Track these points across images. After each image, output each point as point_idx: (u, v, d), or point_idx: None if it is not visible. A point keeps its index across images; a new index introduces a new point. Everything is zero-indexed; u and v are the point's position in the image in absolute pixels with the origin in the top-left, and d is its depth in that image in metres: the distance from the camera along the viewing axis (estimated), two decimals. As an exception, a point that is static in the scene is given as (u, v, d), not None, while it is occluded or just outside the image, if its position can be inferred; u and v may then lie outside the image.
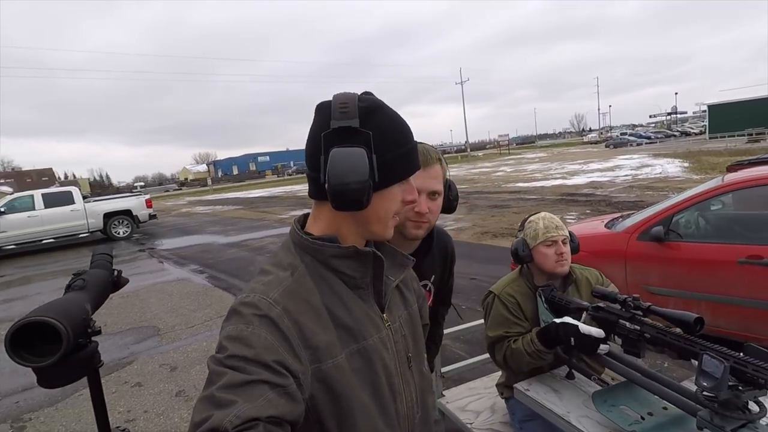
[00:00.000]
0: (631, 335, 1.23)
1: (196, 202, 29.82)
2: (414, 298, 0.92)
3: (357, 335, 0.73)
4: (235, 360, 0.59)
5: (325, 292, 0.72)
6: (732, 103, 39.50)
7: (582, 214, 8.74)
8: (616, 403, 1.23)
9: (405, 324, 0.85)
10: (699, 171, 14.12)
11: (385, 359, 0.76)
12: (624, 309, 1.27)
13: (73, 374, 0.83)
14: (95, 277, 0.98)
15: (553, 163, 26.14)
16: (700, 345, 1.06)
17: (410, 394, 0.81)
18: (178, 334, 4.58)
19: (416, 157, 0.77)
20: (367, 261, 0.75)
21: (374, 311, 0.78)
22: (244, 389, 0.56)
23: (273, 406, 0.57)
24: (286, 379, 0.60)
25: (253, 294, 0.68)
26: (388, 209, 0.74)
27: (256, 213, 17.16)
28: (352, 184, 0.66)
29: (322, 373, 0.67)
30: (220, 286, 6.38)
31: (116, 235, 12.78)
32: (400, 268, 0.85)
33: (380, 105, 0.73)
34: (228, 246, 9.97)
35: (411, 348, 0.84)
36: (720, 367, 0.97)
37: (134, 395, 3.34)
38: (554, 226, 1.58)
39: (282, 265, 0.73)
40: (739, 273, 2.80)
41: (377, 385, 0.74)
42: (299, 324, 0.66)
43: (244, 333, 0.62)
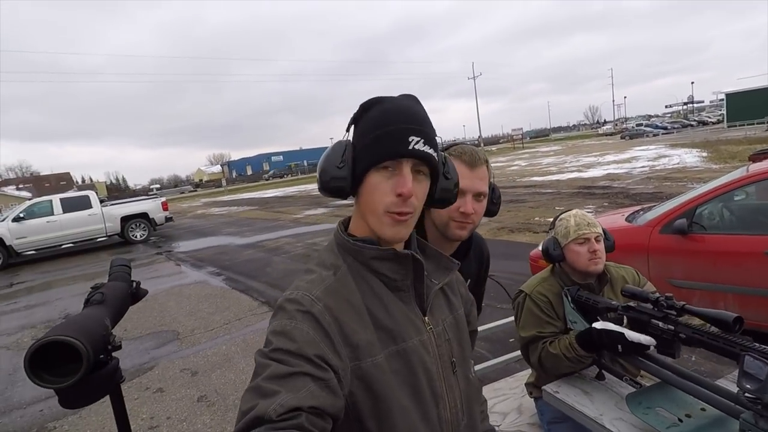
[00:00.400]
0: (665, 335, 1.18)
1: (211, 203, 30.16)
2: (460, 303, 0.90)
3: (396, 337, 0.73)
4: (280, 353, 0.62)
5: (366, 293, 0.74)
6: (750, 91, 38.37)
7: (600, 207, 8.60)
8: (652, 405, 1.19)
9: (449, 328, 0.83)
10: (718, 160, 13.79)
11: (426, 362, 0.75)
12: (656, 308, 1.22)
13: (96, 393, 0.81)
14: (114, 290, 0.97)
15: (568, 156, 25.79)
16: (740, 345, 1.01)
17: (454, 400, 0.80)
18: (197, 338, 4.62)
19: (392, 141, 0.70)
20: (406, 263, 0.76)
21: (415, 314, 0.78)
22: (287, 380, 0.59)
23: (315, 397, 0.58)
24: (326, 373, 0.62)
25: (297, 291, 0.71)
26: (372, 200, 0.73)
27: (271, 213, 17.29)
28: (323, 170, 0.75)
29: (362, 371, 0.68)
30: (237, 288, 6.43)
31: (134, 239, 12.98)
32: (444, 272, 0.85)
33: (380, 100, 0.76)
34: (244, 247, 10.06)
35: (456, 353, 0.83)
36: (764, 368, 0.93)
37: (156, 401, 3.37)
38: (586, 223, 1.53)
39: (325, 264, 0.76)
40: (766, 264, 2.71)
41: (417, 388, 0.73)
42: (340, 321, 0.68)
43: (288, 327, 0.65)
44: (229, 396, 3.28)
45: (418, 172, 0.74)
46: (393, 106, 0.74)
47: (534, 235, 7.01)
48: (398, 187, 0.70)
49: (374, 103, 0.76)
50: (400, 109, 0.74)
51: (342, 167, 0.74)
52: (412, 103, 0.76)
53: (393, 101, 0.75)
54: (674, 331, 1.16)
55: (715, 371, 2.69)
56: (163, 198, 14.11)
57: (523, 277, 4.82)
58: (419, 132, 0.72)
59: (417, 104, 0.77)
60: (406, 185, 0.70)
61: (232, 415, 3.01)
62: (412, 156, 0.71)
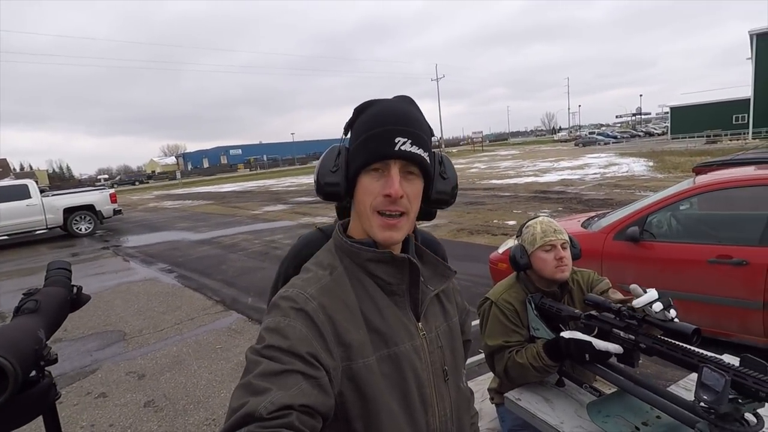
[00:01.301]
0: (625, 345, 1.21)
1: (165, 196, 28.82)
2: (455, 311, 0.89)
3: (388, 340, 0.73)
4: (272, 350, 0.62)
5: (361, 295, 0.74)
6: (692, 105, 41.46)
7: (554, 211, 8.92)
8: (611, 413, 1.22)
9: (443, 336, 0.82)
10: (663, 170, 14.70)
11: (417, 368, 0.75)
12: (618, 318, 1.25)
13: (25, 416, 0.72)
14: (50, 297, 0.86)
15: (525, 160, 26.68)
16: (698, 357, 1.05)
17: (444, 409, 0.79)
18: (146, 338, 4.36)
19: (379, 143, 0.71)
20: (402, 267, 0.76)
21: (409, 319, 0.77)
22: (278, 378, 0.58)
23: (306, 395, 0.58)
24: (318, 371, 0.62)
25: (292, 289, 0.71)
26: (363, 201, 0.73)
27: (228, 208, 16.72)
28: (318, 175, 0.75)
29: (352, 372, 0.68)
30: (190, 286, 6.15)
31: (78, 232, 12.16)
32: (441, 279, 0.84)
33: (372, 103, 0.76)
34: (198, 243, 9.65)
35: (448, 361, 0.82)
36: (721, 380, 0.95)
37: (98, 407, 3.13)
38: (552, 230, 1.54)
39: (322, 264, 0.76)
40: (709, 272, 2.88)
41: (407, 393, 0.73)
42: (333, 320, 0.68)
43: (281, 325, 0.65)
44: (179, 401, 3.10)
45: (409, 172, 0.73)
46: (383, 108, 0.75)
47: (492, 238, 7.17)
48: (385, 188, 0.71)
49: (367, 107, 0.76)
50: (389, 110, 0.73)
51: (335, 171, 0.74)
52: (404, 105, 0.76)
53: (384, 104, 0.75)
54: (635, 341, 1.19)
55: (660, 373, 2.83)
56: (111, 189, 13.31)
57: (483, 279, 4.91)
58: (406, 133, 0.71)
59: (409, 105, 0.77)
60: (393, 186, 0.70)
61: (182, 421, 2.85)
62: (398, 157, 0.71)
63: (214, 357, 3.78)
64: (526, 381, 1.47)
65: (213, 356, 3.80)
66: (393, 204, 0.71)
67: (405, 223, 0.73)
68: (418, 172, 0.74)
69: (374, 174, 0.72)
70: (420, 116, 0.76)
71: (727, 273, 2.81)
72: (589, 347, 1.24)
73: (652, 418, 1.19)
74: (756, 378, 0.93)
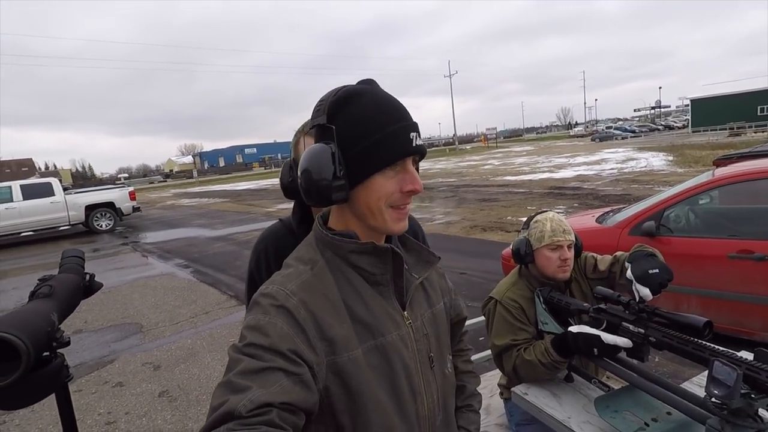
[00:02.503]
0: (635, 338, 1.18)
1: (182, 194, 29.32)
2: (439, 297, 0.89)
3: (375, 331, 0.72)
4: (252, 348, 0.61)
5: (344, 288, 0.73)
6: (714, 97, 40.16)
7: (570, 207, 8.78)
8: (619, 409, 1.19)
9: (428, 323, 0.82)
10: (683, 164, 14.32)
11: (404, 357, 0.75)
12: (627, 311, 1.22)
13: (37, 393, 0.75)
14: (64, 283, 0.90)
15: (540, 156, 26.30)
16: (709, 350, 1.01)
17: (432, 396, 0.79)
18: (161, 331, 4.46)
19: (398, 142, 0.69)
20: (386, 257, 0.74)
21: (394, 308, 0.76)
22: (259, 376, 0.58)
23: (287, 392, 0.58)
24: (300, 367, 0.61)
25: (272, 285, 0.70)
26: (374, 201, 0.71)
27: (242, 206, 16.93)
28: (318, 181, 0.68)
29: (338, 366, 0.67)
30: (205, 282, 6.25)
31: (98, 228, 12.49)
32: (425, 266, 0.84)
33: (357, 94, 0.71)
34: (214, 240, 9.80)
35: (433, 347, 0.82)
36: (733, 374, 0.92)
37: (115, 396, 3.22)
38: (562, 229, 1.50)
39: (303, 259, 0.75)
40: (729, 267, 2.80)
41: (395, 383, 0.73)
42: (315, 316, 0.67)
43: (262, 322, 0.64)
44: (193, 391, 3.16)
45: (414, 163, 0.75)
46: (378, 100, 0.71)
47: (506, 234, 7.09)
48: (408, 185, 0.71)
49: (351, 98, 0.70)
50: (388, 104, 0.72)
51: (342, 175, 0.69)
52: (387, 93, 0.74)
53: (374, 95, 0.72)
54: (644, 335, 1.16)
55: (677, 372, 2.77)
56: (130, 187, 13.60)
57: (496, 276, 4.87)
58: (415, 127, 0.72)
59: (388, 92, 0.75)
60: (417, 182, 0.71)
61: (195, 411, 2.90)
62: (416, 153, 0.72)
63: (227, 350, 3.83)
64: (536, 378, 1.44)
65: (226, 349, 3.84)
66: (409, 198, 0.72)
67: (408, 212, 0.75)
68: (418, 161, 0.76)
69: (390, 172, 0.70)
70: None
71: (749, 268, 2.72)
72: (598, 341, 1.21)
73: (662, 414, 1.16)
74: (770, 372, 0.90)
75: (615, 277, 1.54)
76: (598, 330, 1.25)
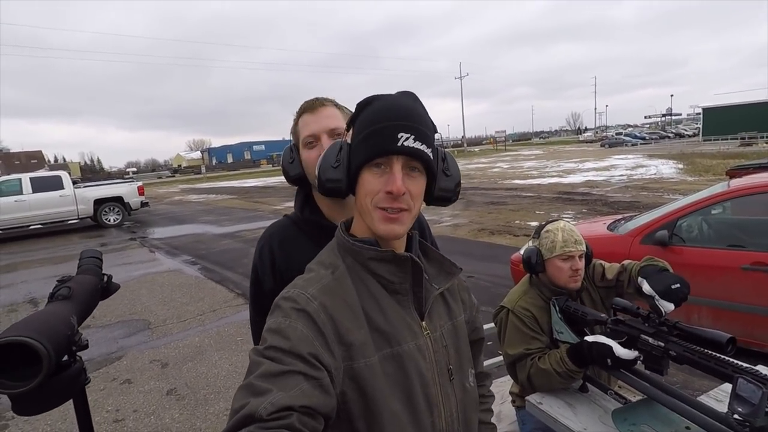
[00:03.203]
0: (654, 351, 1.17)
1: (189, 190, 29.47)
2: (460, 309, 0.88)
3: (391, 340, 0.72)
4: (273, 351, 0.62)
5: (363, 294, 0.73)
6: (726, 106, 39.78)
7: (579, 213, 8.73)
8: (637, 422, 1.18)
9: (448, 335, 0.81)
10: (693, 173, 14.20)
11: (420, 368, 0.74)
12: (647, 324, 1.21)
13: (56, 398, 0.74)
14: (82, 285, 0.89)
15: (549, 160, 26.18)
16: (733, 367, 1.00)
17: (450, 409, 0.77)
18: (169, 328, 4.48)
19: (381, 138, 0.69)
20: (405, 266, 0.74)
21: (412, 318, 0.76)
22: (279, 379, 0.58)
23: (307, 396, 0.58)
24: (319, 371, 0.61)
25: (294, 289, 0.71)
26: (362, 198, 0.72)
27: (250, 203, 16.99)
28: (320, 171, 0.74)
29: (354, 372, 0.67)
30: (213, 279, 6.28)
31: (107, 223, 12.57)
32: (446, 276, 0.83)
33: (378, 97, 0.75)
34: (221, 236, 9.85)
35: (453, 360, 0.80)
36: (758, 392, 0.91)
37: (123, 393, 3.24)
38: (573, 240, 1.49)
39: (324, 264, 0.76)
40: (743, 279, 2.77)
41: (411, 394, 0.72)
42: (335, 320, 0.68)
43: (282, 325, 0.65)
44: (200, 390, 3.18)
45: (412, 168, 0.72)
46: (386, 103, 0.73)
47: (514, 238, 7.06)
48: (388, 185, 0.69)
49: (370, 102, 0.75)
50: (392, 106, 0.72)
51: (337, 167, 0.73)
52: (407, 100, 0.74)
53: (387, 99, 0.74)
54: (664, 348, 1.14)
55: (687, 382, 2.74)
56: (139, 182, 13.69)
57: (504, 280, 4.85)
58: (409, 128, 0.70)
59: (412, 101, 0.75)
60: (395, 183, 0.69)
61: (203, 410, 2.92)
62: (401, 153, 0.69)
63: (235, 349, 3.85)
64: (551, 388, 1.43)
65: (233, 348, 3.87)
66: (395, 201, 0.69)
67: (407, 218, 0.72)
68: (421, 168, 0.72)
69: (376, 170, 0.70)
70: (423, 112, 0.74)
71: (763, 280, 2.69)
72: (610, 352, 1.21)
73: (680, 428, 1.15)
74: (796, 391, 0.89)
75: (623, 285, 1.53)
76: (613, 341, 1.24)
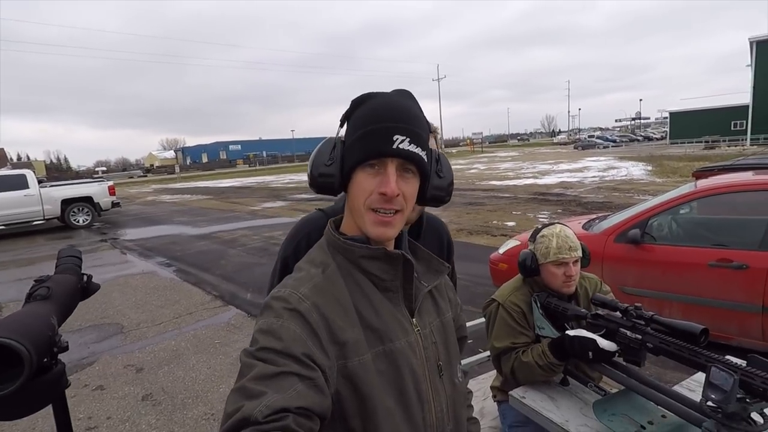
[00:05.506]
0: (632, 344, 1.21)
1: (163, 190, 28.73)
2: (448, 307, 0.89)
3: (383, 337, 0.72)
4: (266, 352, 0.61)
5: (355, 292, 0.73)
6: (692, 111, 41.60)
7: (554, 213, 8.94)
8: (617, 412, 1.22)
9: (436, 331, 0.82)
10: (661, 174, 14.74)
11: (412, 364, 0.74)
12: (625, 317, 1.25)
13: (37, 402, 0.71)
14: (61, 284, 0.85)
15: (524, 162, 26.71)
16: (706, 357, 1.05)
17: (440, 404, 0.78)
18: (143, 332, 4.35)
19: (377, 140, 0.69)
20: (396, 263, 0.75)
21: (403, 315, 0.77)
22: (274, 380, 0.58)
23: (302, 397, 0.58)
24: (314, 372, 0.61)
25: (284, 289, 0.70)
26: (355, 199, 0.72)
27: (226, 204, 16.69)
28: (312, 167, 0.75)
29: (348, 371, 0.67)
30: (188, 281, 6.13)
31: (75, 224, 12.11)
32: (435, 274, 0.85)
33: (372, 96, 0.75)
34: (197, 238, 9.63)
35: (442, 356, 0.81)
36: (729, 380, 0.96)
37: (96, 399, 3.12)
38: (567, 247, 1.50)
39: (315, 262, 0.75)
40: (709, 275, 2.89)
41: (403, 390, 0.72)
42: (327, 319, 0.67)
43: (275, 326, 0.64)
44: (178, 395, 3.10)
45: (405, 170, 0.72)
46: (382, 102, 0.73)
47: (492, 238, 7.17)
48: (381, 187, 0.69)
49: (365, 99, 0.75)
50: (388, 106, 0.72)
51: (330, 164, 0.73)
52: (403, 100, 0.75)
53: (383, 98, 0.75)
54: (641, 341, 1.19)
55: (660, 375, 2.84)
56: (110, 182, 13.25)
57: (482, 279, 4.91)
58: (405, 130, 0.70)
59: (408, 101, 0.76)
60: (389, 185, 0.69)
61: (181, 414, 2.85)
62: (396, 155, 0.70)
63: (213, 352, 3.77)
64: (533, 380, 1.47)
65: (212, 351, 3.79)
66: (388, 202, 0.70)
67: (399, 220, 0.72)
68: (415, 170, 0.73)
69: (370, 170, 0.70)
70: (419, 113, 0.75)
71: (728, 276, 2.82)
72: (593, 345, 1.25)
73: (657, 417, 1.19)
74: (764, 378, 0.94)
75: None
76: (596, 335, 1.28)
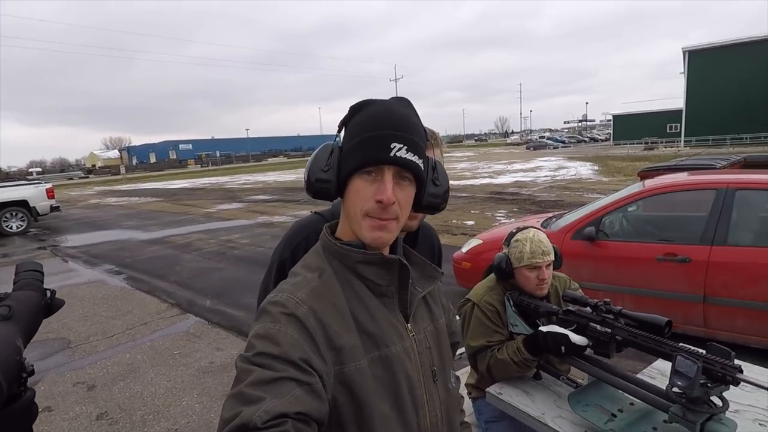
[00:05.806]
0: (602, 337, 1.28)
1: (107, 192, 27.08)
2: (441, 313, 0.89)
3: (379, 342, 0.72)
4: (263, 357, 0.60)
5: (351, 297, 0.73)
6: (632, 114, 44.52)
7: (510, 212, 9.26)
8: (590, 402, 1.28)
9: (430, 337, 0.83)
10: (607, 174, 15.64)
11: (407, 369, 0.74)
12: (595, 312, 1.32)
13: None
14: (23, 302, 0.77)
15: (480, 162, 27.47)
16: (671, 346, 1.12)
17: (434, 409, 0.79)
18: (94, 346, 4.07)
19: (374, 147, 0.69)
20: (392, 269, 0.75)
21: (398, 320, 0.77)
22: (272, 386, 0.57)
23: (301, 402, 0.57)
24: (312, 377, 0.61)
25: (281, 293, 0.69)
26: (352, 205, 0.73)
27: (178, 206, 15.98)
28: (309, 172, 0.74)
29: (344, 376, 0.67)
30: (141, 289, 5.81)
31: (8, 230, 11.14)
32: (429, 280, 0.85)
33: (370, 102, 0.75)
34: (148, 243, 9.16)
35: (436, 362, 0.82)
36: (693, 367, 1.03)
37: (43, 422, 2.88)
38: (540, 251, 1.55)
39: (310, 267, 0.75)
40: (657, 269, 3.10)
41: (399, 395, 0.73)
42: (324, 325, 0.67)
43: (272, 331, 0.63)
44: (136, 411, 2.93)
45: (402, 178, 0.72)
46: (380, 110, 0.73)
47: (452, 237, 7.33)
48: (378, 194, 0.69)
49: (363, 106, 0.75)
50: (386, 113, 0.72)
51: (327, 170, 0.73)
52: (401, 108, 0.75)
53: (381, 105, 0.75)
54: (611, 334, 1.25)
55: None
56: (48, 184, 12.31)
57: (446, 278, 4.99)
58: (402, 138, 0.70)
59: (406, 109, 0.75)
60: (386, 193, 0.69)
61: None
62: (393, 163, 0.70)
63: (173, 363, 3.60)
64: (508, 376, 1.51)
65: (171, 362, 3.62)
66: (384, 210, 0.70)
67: (395, 226, 0.72)
68: (411, 178, 0.73)
69: (367, 177, 0.70)
70: (417, 120, 0.75)
71: (673, 269, 3.04)
72: (565, 340, 1.31)
73: (626, 404, 1.26)
74: (723, 364, 1.02)
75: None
76: (568, 330, 1.34)
